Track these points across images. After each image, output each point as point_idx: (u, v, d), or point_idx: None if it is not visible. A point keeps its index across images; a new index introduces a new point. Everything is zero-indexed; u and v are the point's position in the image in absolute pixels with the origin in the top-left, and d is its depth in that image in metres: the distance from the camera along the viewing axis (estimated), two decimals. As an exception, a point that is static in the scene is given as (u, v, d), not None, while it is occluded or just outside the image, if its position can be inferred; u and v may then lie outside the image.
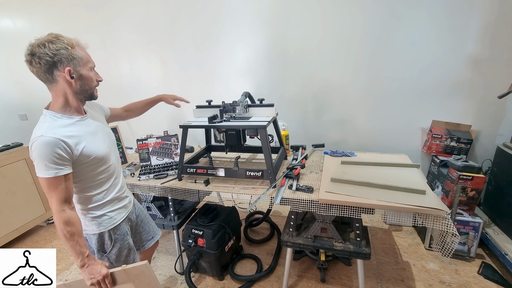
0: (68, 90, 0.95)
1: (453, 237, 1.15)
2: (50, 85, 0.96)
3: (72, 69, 0.92)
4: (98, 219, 1.08)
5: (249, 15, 2.16)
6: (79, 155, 0.94)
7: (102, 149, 1.03)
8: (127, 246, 1.16)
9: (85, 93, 1.00)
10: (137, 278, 0.98)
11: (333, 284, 1.68)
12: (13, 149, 2.28)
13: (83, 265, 0.94)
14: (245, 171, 1.49)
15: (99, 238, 1.10)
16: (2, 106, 3.32)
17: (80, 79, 0.96)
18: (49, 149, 0.87)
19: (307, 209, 1.31)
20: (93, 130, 1.03)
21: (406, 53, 1.93)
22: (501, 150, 1.79)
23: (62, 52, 0.90)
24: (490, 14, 1.72)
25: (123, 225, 1.15)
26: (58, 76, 0.92)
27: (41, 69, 0.90)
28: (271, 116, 1.59)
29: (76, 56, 0.93)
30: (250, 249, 2.05)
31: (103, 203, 1.08)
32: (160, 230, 1.46)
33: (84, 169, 0.99)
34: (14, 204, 2.27)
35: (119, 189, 1.15)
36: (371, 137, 2.23)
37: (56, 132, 0.90)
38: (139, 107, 1.46)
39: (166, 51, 2.47)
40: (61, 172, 0.90)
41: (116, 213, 1.13)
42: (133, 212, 1.28)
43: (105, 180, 1.07)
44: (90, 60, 1.00)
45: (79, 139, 0.95)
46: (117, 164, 1.16)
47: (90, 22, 2.59)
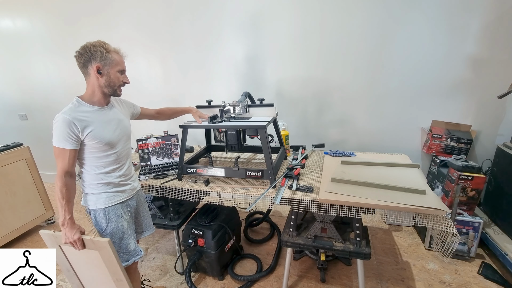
0: (96, 83, 1.15)
1: (453, 237, 1.15)
2: (86, 77, 1.16)
3: (101, 66, 1.12)
4: (96, 196, 1.21)
5: (249, 15, 2.16)
6: (85, 137, 1.11)
7: (109, 137, 1.17)
8: (121, 229, 1.26)
9: (109, 88, 1.17)
10: (101, 250, 1.15)
11: (333, 284, 1.68)
12: (13, 149, 2.28)
13: (63, 225, 1.11)
14: (245, 171, 1.49)
15: (95, 214, 1.23)
16: (2, 106, 3.33)
17: (107, 76, 1.14)
18: (63, 126, 1.06)
19: (307, 209, 1.31)
20: (108, 119, 1.19)
21: (406, 53, 1.94)
22: (501, 150, 1.79)
23: (98, 53, 1.10)
24: (490, 14, 1.73)
25: (118, 208, 1.25)
26: (90, 70, 1.12)
27: (80, 63, 1.13)
28: (271, 116, 1.59)
29: (108, 58, 1.13)
30: (250, 249, 2.05)
31: (103, 184, 1.21)
32: (153, 229, 1.51)
33: (88, 149, 1.15)
34: (14, 204, 2.26)
35: (121, 175, 1.27)
36: (371, 137, 2.23)
37: (72, 114, 1.09)
38: (169, 113, 1.67)
39: (167, 51, 2.47)
40: (66, 146, 1.08)
41: (113, 194, 1.24)
42: (134, 199, 1.36)
43: (108, 164, 1.21)
44: (122, 65, 1.19)
45: (88, 123, 1.11)
46: (124, 154, 1.28)
47: (90, 22, 2.59)
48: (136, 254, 1.33)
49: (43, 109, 3.17)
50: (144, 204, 1.47)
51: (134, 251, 1.32)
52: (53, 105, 3.07)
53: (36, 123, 3.28)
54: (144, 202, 1.48)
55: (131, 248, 1.30)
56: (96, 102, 1.18)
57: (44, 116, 3.20)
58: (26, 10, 2.76)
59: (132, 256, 1.31)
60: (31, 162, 2.40)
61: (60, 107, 1.11)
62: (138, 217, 1.43)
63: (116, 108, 1.29)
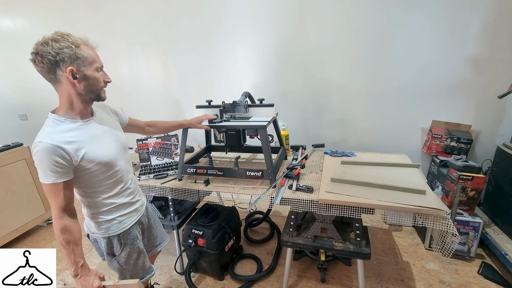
0: (72, 91, 0.91)
1: (453, 237, 1.15)
2: (55, 85, 0.92)
3: (75, 69, 0.88)
4: (108, 223, 1.06)
5: (249, 15, 2.16)
6: (80, 161, 0.91)
7: (107, 154, 0.98)
8: (137, 250, 1.14)
9: (91, 94, 0.95)
10: None
11: (333, 284, 1.68)
12: (13, 149, 2.28)
13: (76, 275, 0.93)
14: (245, 171, 1.49)
15: (108, 242, 1.09)
16: (2, 106, 3.33)
17: (85, 80, 0.91)
18: (47, 156, 0.84)
19: (307, 209, 1.31)
20: (99, 134, 0.99)
21: (406, 52, 1.93)
22: (501, 150, 1.79)
23: (65, 51, 0.85)
24: (490, 14, 1.72)
25: (133, 230, 1.13)
26: (61, 76, 0.88)
27: (44, 68, 0.87)
28: (271, 116, 1.59)
29: (81, 56, 0.89)
30: (250, 249, 2.05)
31: (112, 208, 1.06)
32: (168, 237, 1.42)
33: (87, 175, 0.95)
34: (14, 204, 2.26)
35: (130, 193, 1.12)
36: (371, 137, 2.23)
37: (55, 138, 0.87)
38: (162, 127, 1.43)
39: (167, 50, 2.47)
40: (59, 179, 0.87)
41: (126, 217, 1.10)
42: (145, 215, 1.25)
43: (113, 185, 1.04)
44: (97, 60, 0.95)
45: (79, 145, 0.91)
46: (127, 168, 1.11)
47: (91, 22, 2.59)
48: (151, 270, 1.25)
49: (43, 109, 3.16)
50: (154, 215, 1.35)
51: (149, 268, 1.24)
52: (53, 105, 3.04)
53: (36, 123, 3.28)
54: (154, 212, 1.38)
55: (146, 266, 1.22)
56: (77, 114, 0.95)
57: (44, 116, 3.11)
58: (26, 10, 2.76)
59: (147, 273, 1.23)
60: (31, 162, 2.39)
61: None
62: (152, 230, 1.32)
63: (103, 117, 1.06)
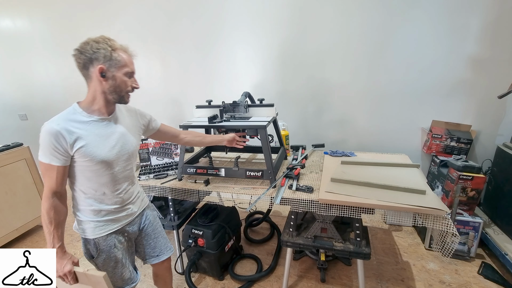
0: (98, 88, 0.96)
1: (453, 237, 1.15)
2: (87, 81, 0.98)
3: (106, 68, 0.93)
4: (84, 225, 1.04)
5: (249, 15, 2.17)
6: (75, 152, 0.93)
7: (104, 154, 0.97)
8: (114, 259, 1.09)
9: (114, 94, 0.98)
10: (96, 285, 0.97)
11: (333, 284, 1.68)
12: (13, 149, 2.28)
13: None
14: (245, 171, 1.49)
15: (84, 243, 1.08)
16: (2, 106, 3.33)
17: (112, 80, 0.96)
18: (48, 138, 0.90)
19: (307, 209, 1.31)
20: (106, 133, 1.00)
21: (406, 53, 1.94)
22: (501, 150, 1.79)
23: (101, 51, 0.92)
24: (490, 14, 1.73)
25: (111, 238, 1.08)
26: (92, 72, 0.94)
27: (80, 64, 0.94)
28: (271, 116, 1.59)
29: (114, 58, 0.94)
30: (250, 249, 2.05)
31: (91, 210, 1.03)
32: (171, 250, 1.34)
33: (78, 167, 0.97)
34: (14, 204, 2.26)
35: (115, 202, 1.07)
36: (371, 137, 2.23)
37: (61, 123, 0.91)
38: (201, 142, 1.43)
39: (166, 50, 2.47)
40: (53, 162, 0.91)
41: (104, 224, 1.05)
42: (135, 223, 1.18)
43: (98, 186, 1.01)
44: (130, 66, 1.00)
45: (80, 138, 0.93)
46: (122, 176, 1.07)
47: (90, 21, 2.59)
48: (131, 281, 1.18)
49: (43, 109, 3.17)
50: (154, 224, 1.26)
51: (128, 279, 1.17)
52: (53, 105, 3.06)
53: (36, 123, 3.28)
54: (155, 222, 1.28)
55: (125, 277, 1.15)
56: (95, 111, 0.98)
57: (44, 116, 3.14)
58: (26, 10, 2.76)
59: (126, 284, 1.17)
60: (31, 162, 2.40)
61: (60, 107, 1.00)
62: (148, 240, 1.25)
63: (122, 120, 1.07)
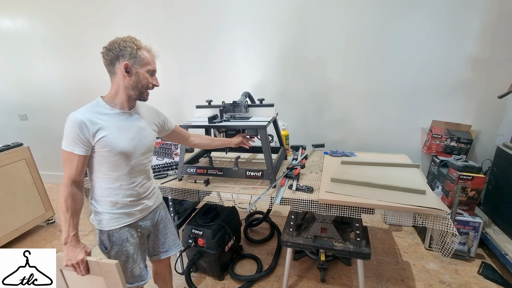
0: (121, 83, 1.02)
1: (453, 237, 1.15)
2: (111, 76, 1.04)
3: (130, 65, 1.00)
4: (99, 216, 1.08)
5: (249, 16, 2.16)
6: (96, 142, 0.98)
7: (123, 146, 1.02)
8: (125, 253, 1.11)
9: (136, 90, 1.04)
10: (108, 275, 0.98)
11: (333, 284, 1.68)
12: (13, 149, 2.28)
13: (65, 243, 0.98)
14: (245, 171, 1.49)
15: (99, 234, 1.11)
16: (2, 106, 3.33)
17: (135, 76, 1.02)
18: (73, 127, 0.94)
19: (307, 209, 1.31)
20: (126, 126, 1.05)
21: (406, 53, 1.94)
22: (501, 150, 1.79)
23: (128, 49, 0.99)
24: (490, 14, 1.73)
25: (123, 231, 1.10)
26: (118, 68, 1.00)
27: (107, 60, 1.00)
28: (271, 116, 1.59)
29: (138, 56, 1.01)
30: (250, 249, 2.05)
31: (108, 202, 1.07)
32: (179, 246, 1.36)
33: (98, 158, 1.01)
34: (14, 204, 2.26)
35: (131, 194, 1.10)
36: (371, 137, 2.23)
37: (85, 114, 0.97)
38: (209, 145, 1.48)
39: (166, 50, 2.47)
40: (76, 150, 0.95)
41: (118, 216, 1.09)
42: (149, 219, 1.20)
43: (116, 178, 1.05)
44: (152, 65, 1.06)
45: (101, 127, 0.98)
46: (139, 169, 1.11)
47: (90, 22, 2.59)
48: (141, 279, 1.19)
49: (43, 109, 3.16)
50: (165, 221, 1.30)
51: (138, 276, 1.17)
52: (53, 105, 3.06)
53: (36, 123, 3.28)
54: (166, 219, 1.31)
55: (135, 274, 1.16)
56: (117, 104, 1.04)
57: (44, 116, 3.19)
58: (26, 10, 2.76)
59: (136, 281, 1.17)
60: (31, 162, 2.40)
61: (60, 107, 1.02)
62: (159, 236, 1.28)
63: (141, 115, 1.13)
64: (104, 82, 1.10)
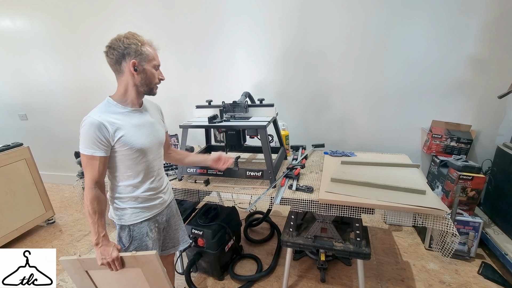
0: (130, 81, 1.02)
1: (453, 237, 1.15)
2: (118, 75, 1.04)
3: (137, 62, 1.00)
4: (121, 211, 1.10)
5: (249, 15, 2.16)
6: (116, 142, 0.99)
7: (140, 142, 1.04)
8: (145, 248, 1.14)
9: (145, 86, 1.06)
10: (145, 265, 1.03)
11: (333, 284, 1.68)
12: (13, 149, 2.28)
13: (97, 244, 1.00)
14: (245, 171, 1.49)
15: (120, 230, 1.13)
16: (2, 106, 3.33)
17: (143, 73, 1.03)
18: (92, 129, 0.94)
19: (307, 209, 1.31)
20: (140, 123, 1.07)
21: (406, 53, 1.94)
22: (501, 150, 1.79)
23: (132, 46, 0.98)
24: (490, 14, 1.73)
25: (144, 225, 1.13)
26: (125, 67, 1.00)
27: (113, 59, 0.99)
28: (271, 116, 1.59)
29: (143, 52, 1.01)
30: (250, 249, 2.05)
31: (130, 197, 1.09)
32: (186, 242, 1.37)
33: (118, 157, 1.03)
34: (14, 204, 2.26)
35: (151, 188, 1.13)
36: (371, 137, 2.23)
37: (102, 116, 0.97)
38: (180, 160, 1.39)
39: (166, 50, 2.46)
40: (96, 152, 0.96)
41: (140, 210, 1.12)
42: (164, 214, 1.23)
43: (136, 174, 1.08)
44: (156, 59, 1.07)
45: (119, 127, 0.99)
46: (156, 163, 1.15)
47: (90, 22, 2.59)
48: None
49: (43, 109, 3.17)
50: (176, 216, 1.33)
51: None
52: (53, 105, 3.06)
53: (36, 123, 3.28)
54: (177, 215, 1.35)
55: None
56: (128, 102, 1.06)
57: (44, 116, 3.19)
58: (26, 10, 2.76)
59: None
60: (31, 162, 2.40)
61: (60, 107, 1.02)
62: (169, 231, 1.31)
63: (150, 111, 1.16)
64: (104, 82, 1.10)
